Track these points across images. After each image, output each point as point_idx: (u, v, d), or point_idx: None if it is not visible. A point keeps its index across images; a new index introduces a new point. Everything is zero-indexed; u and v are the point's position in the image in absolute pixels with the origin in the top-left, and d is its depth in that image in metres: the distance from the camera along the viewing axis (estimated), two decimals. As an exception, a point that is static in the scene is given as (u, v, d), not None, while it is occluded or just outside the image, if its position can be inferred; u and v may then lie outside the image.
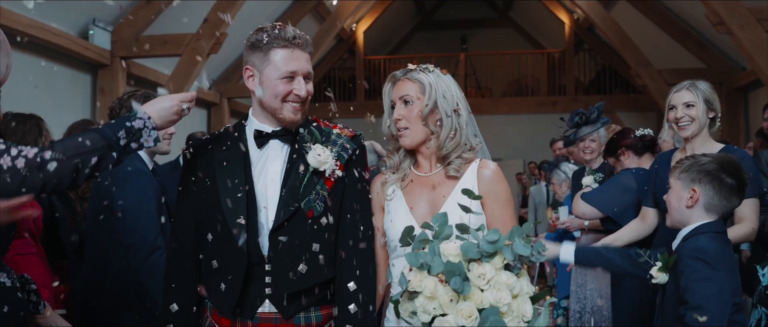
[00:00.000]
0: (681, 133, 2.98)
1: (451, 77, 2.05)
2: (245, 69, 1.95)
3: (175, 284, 1.96)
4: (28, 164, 1.61)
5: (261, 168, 1.93)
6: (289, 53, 1.90)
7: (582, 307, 4.21)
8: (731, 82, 9.32)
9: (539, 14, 15.13)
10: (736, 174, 2.24)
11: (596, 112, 4.46)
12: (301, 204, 1.88)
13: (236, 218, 1.86)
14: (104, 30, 7.30)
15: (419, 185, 2.03)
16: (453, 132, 1.97)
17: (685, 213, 2.25)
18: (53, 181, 1.64)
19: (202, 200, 1.93)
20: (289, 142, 1.95)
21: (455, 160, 1.99)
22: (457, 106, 1.98)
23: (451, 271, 1.66)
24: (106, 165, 1.72)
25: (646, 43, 10.26)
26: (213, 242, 1.92)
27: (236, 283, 1.87)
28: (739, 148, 2.98)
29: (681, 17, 9.65)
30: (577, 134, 4.43)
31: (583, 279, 4.24)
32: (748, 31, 6.20)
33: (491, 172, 2.00)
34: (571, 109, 5.35)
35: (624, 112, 12.33)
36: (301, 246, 1.89)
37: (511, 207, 2.02)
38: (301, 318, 1.90)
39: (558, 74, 14.61)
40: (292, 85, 1.91)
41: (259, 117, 1.97)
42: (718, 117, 2.98)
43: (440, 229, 1.76)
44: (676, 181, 2.29)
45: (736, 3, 6.22)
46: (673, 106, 3.00)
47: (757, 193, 2.76)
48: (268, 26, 1.94)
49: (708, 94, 2.95)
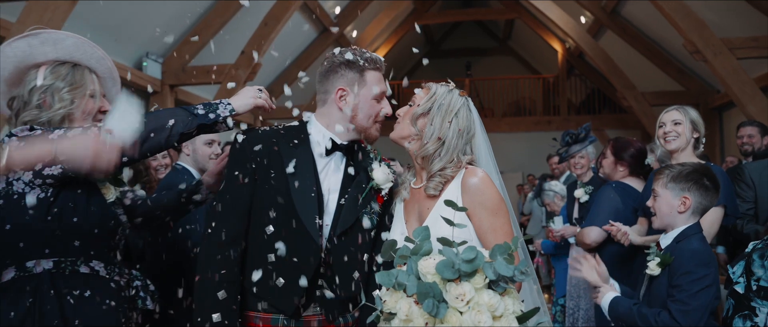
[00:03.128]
0: (667, 147, 2.98)
1: (468, 100, 1.85)
2: (338, 90, 1.79)
3: (225, 271, 1.68)
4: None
5: (325, 175, 1.79)
6: (380, 76, 1.83)
7: (576, 305, 4.22)
8: (707, 103, 9.27)
9: (535, 43, 15.15)
10: (712, 178, 2.25)
11: (584, 132, 4.48)
12: (360, 216, 1.77)
13: (313, 219, 1.71)
14: (156, 62, 7.46)
15: (414, 198, 1.83)
16: (436, 139, 1.74)
17: (677, 218, 2.23)
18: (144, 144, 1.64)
19: (265, 191, 1.73)
20: (346, 156, 1.83)
21: (437, 176, 1.74)
22: (452, 119, 1.76)
23: (423, 293, 1.39)
24: (182, 129, 1.71)
25: (631, 69, 10.25)
26: (275, 236, 1.70)
27: (301, 279, 1.68)
28: (716, 165, 3.00)
29: (662, 46, 9.63)
30: (569, 152, 4.45)
31: (577, 279, 4.25)
32: (721, 58, 6.19)
33: (478, 179, 1.70)
34: (564, 128, 5.38)
35: (611, 130, 12.27)
36: (355, 254, 1.78)
37: (502, 216, 1.69)
38: (340, 320, 1.78)
39: (552, 96, 14.59)
40: (381, 106, 1.83)
41: (332, 128, 1.81)
42: (702, 139, 2.98)
43: (420, 244, 1.50)
44: (665, 190, 2.26)
45: (711, 34, 6.22)
46: (662, 123, 3.01)
47: (722, 202, 2.76)
48: (353, 48, 1.83)
49: (694, 117, 2.97)
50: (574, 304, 4.20)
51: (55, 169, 1.59)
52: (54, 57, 1.79)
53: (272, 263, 1.70)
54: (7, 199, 1.63)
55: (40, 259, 1.62)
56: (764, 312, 1.95)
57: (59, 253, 1.63)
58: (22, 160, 1.49)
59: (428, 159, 1.76)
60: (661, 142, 3.04)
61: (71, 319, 1.59)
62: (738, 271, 2.07)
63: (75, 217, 1.64)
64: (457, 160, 1.74)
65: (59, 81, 1.76)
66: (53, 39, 1.78)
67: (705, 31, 6.23)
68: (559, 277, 4.77)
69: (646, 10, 8.10)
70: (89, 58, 1.85)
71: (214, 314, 1.63)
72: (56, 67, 1.79)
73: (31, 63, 1.79)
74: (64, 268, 1.63)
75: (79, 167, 1.52)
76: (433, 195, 1.74)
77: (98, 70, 1.87)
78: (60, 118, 1.74)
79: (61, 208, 1.63)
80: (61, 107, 1.74)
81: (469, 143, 1.79)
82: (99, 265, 1.68)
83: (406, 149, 1.83)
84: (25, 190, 1.63)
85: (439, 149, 1.74)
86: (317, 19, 10.15)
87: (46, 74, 1.76)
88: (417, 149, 1.78)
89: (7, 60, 1.79)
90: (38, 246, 1.63)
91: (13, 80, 1.82)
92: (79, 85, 1.79)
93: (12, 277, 1.63)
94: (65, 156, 1.46)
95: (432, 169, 1.75)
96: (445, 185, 1.74)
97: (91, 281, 1.66)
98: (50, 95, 1.75)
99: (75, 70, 1.80)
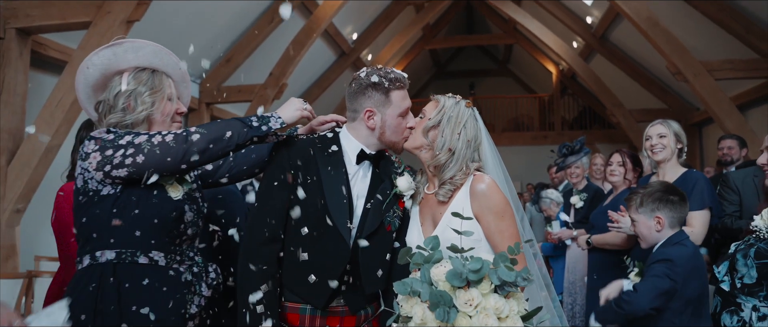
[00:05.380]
0: (654, 158, 2.97)
1: (474, 110, 1.83)
2: (366, 111, 1.78)
3: (266, 266, 1.68)
4: (176, 138, 1.64)
5: (354, 182, 1.79)
6: (404, 93, 1.81)
7: (573, 300, 4.22)
8: (688, 120, 9.22)
9: (531, 65, 15.15)
10: (675, 191, 2.26)
11: (579, 144, 4.50)
12: (384, 219, 1.77)
13: (345, 222, 1.71)
14: (193, 82, 7.56)
15: (427, 202, 1.82)
16: (447, 150, 1.73)
17: (657, 236, 2.24)
18: (193, 150, 1.63)
19: (301, 195, 1.72)
20: (373, 164, 1.83)
21: (447, 184, 1.74)
22: (461, 131, 1.75)
23: (435, 302, 1.42)
24: (239, 140, 1.69)
25: (619, 88, 10.24)
26: (309, 236, 1.71)
27: (333, 276, 1.71)
28: (698, 171, 2.99)
29: (647, 68, 9.61)
30: (565, 162, 4.47)
31: (573, 276, 4.24)
32: (701, 79, 6.18)
33: (485, 185, 1.69)
34: (559, 142, 5.38)
35: (601, 144, 12.23)
36: (380, 254, 1.78)
37: (508, 218, 1.68)
38: (361, 312, 1.79)
39: (548, 114, 14.55)
40: (406, 121, 1.82)
41: (361, 139, 1.81)
42: (684, 149, 2.98)
43: (432, 253, 1.51)
44: (638, 215, 2.27)
45: (691, 57, 6.22)
46: (649, 136, 2.99)
47: (706, 205, 2.76)
48: (378, 69, 1.81)
49: (677, 129, 2.97)
50: (572, 299, 4.20)
51: (121, 171, 1.61)
52: (135, 64, 1.79)
53: (305, 261, 1.70)
54: (85, 195, 1.65)
55: (105, 250, 1.63)
56: (749, 307, 1.95)
57: (122, 244, 1.63)
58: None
59: (440, 168, 1.75)
60: (648, 153, 3.02)
61: (127, 305, 1.59)
62: (723, 270, 2.07)
63: (136, 210, 1.64)
64: (465, 168, 1.74)
65: (141, 86, 1.76)
66: (135, 47, 1.78)
67: (686, 54, 6.23)
68: (557, 276, 4.77)
69: (633, 35, 8.12)
70: (166, 64, 1.85)
71: (259, 306, 1.63)
72: (138, 73, 1.78)
73: (114, 70, 1.79)
74: (124, 259, 1.63)
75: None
76: (443, 201, 1.74)
77: (173, 74, 1.87)
78: (142, 120, 1.75)
79: (125, 201, 1.64)
80: (143, 110, 1.74)
81: (476, 151, 1.78)
82: (158, 255, 1.67)
83: (417, 157, 1.83)
84: (98, 187, 1.64)
85: (449, 159, 1.74)
86: (336, 44, 10.25)
87: (129, 80, 1.76)
88: (429, 159, 1.77)
89: (95, 67, 1.78)
90: (105, 237, 1.63)
91: (99, 86, 1.82)
92: (158, 88, 1.79)
93: (87, 265, 1.65)
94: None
95: (443, 177, 1.74)
96: (455, 192, 1.74)
97: (149, 270, 1.65)
98: (133, 99, 1.75)
99: (154, 76, 1.80)
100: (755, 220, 1.96)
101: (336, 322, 1.74)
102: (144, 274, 1.64)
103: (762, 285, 1.92)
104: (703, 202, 2.74)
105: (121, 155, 1.60)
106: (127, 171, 1.61)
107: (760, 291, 1.93)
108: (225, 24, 7.40)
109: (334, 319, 1.74)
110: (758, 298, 1.94)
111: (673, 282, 2.05)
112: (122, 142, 1.62)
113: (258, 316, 1.63)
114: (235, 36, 7.82)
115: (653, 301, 2.05)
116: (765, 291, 1.92)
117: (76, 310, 1.58)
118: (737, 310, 1.98)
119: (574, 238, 4.21)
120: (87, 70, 1.78)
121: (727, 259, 2.07)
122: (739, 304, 1.98)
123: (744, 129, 5.75)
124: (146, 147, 1.61)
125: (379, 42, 11.42)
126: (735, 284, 2.01)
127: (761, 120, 7.11)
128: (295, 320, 1.72)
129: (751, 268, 1.95)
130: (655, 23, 6.36)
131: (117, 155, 1.60)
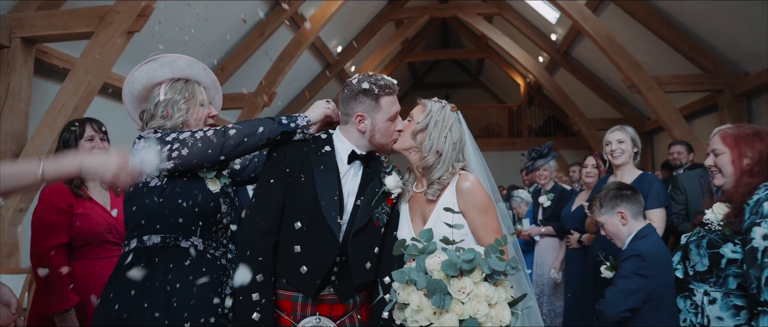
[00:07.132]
0: (614, 161, 3.04)
1: (458, 114, 1.81)
2: (357, 115, 1.77)
3: (262, 258, 1.67)
4: (215, 132, 1.70)
5: (345, 180, 1.78)
6: (393, 99, 1.80)
7: (541, 291, 4.28)
8: (641, 128, 9.41)
9: (501, 78, 15.28)
10: (626, 186, 2.29)
11: (547, 149, 4.57)
12: (373, 216, 1.76)
13: (335, 218, 1.70)
14: (189, 90, 7.45)
15: (416, 201, 1.81)
16: (434, 152, 1.72)
17: (624, 230, 2.23)
18: (230, 143, 1.67)
19: (295, 192, 1.72)
20: (363, 164, 1.83)
21: (435, 184, 1.73)
22: (447, 134, 1.74)
23: (432, 290, 1.44)
24: (270, 135, 1.72)
25: (581, 99, 10.41)
26: (301, 231, 1.70)
27: (323, 268, 1.70)
28: (652, 174, 3.08)
29: (605, 81, 9.80)
30: (534, 165, 4.54)
31: (541, 270, 4.30)
32: (653, 92, 6.35)
33: (470, 183, 1.69)
34: (526, 148, 5.46)
35: (564, 150, 12.39)
36: (369, 248, 1.77)
37: (491, 213, 1.68)
38: (349, 301, 1.78)
39: (516, 122, 14.66)
40: (395, 124, 1.81)
41: (353, 141, 1.81)
42: (639, 152, 3.06)
43: (426, 245, 1.52)
44: (603, 217, 2.25)
45: (644, 72, 6.39)
46: (609, 142, 3.06)
47: (662, 204, 2.83)
48: (369, 75, 1.79)
49: (633, 135, 3.05)
50: (539, 291, 4.27)
51: (168, 164, 1.66)
52: (170, 75, 1.86)
53: (298, 253, 1.70)
54: (135, 187, 1.71)
55: (152, 235, 1.69)
56: (700, 292, 2.00)
57: (166, 229, 1.69)
58: (53, 173, 1.39)
59: (428, 169, 1.75)
60: (609, 158, 3.09)
61: (172, 282, 1.65)
62: (676, 259, 2.12)
63: (180, 199, 1.69)
64: (452, 169, 1.74)
65: (177, 95, 1.83)
66: (169, 61, 1.85)
67: (640, 70, 6.39)
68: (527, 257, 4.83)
69: (592, 51, 8.29)
70: (198, 74, 1.90)
71: (254, 293, 1.64)
72: (173, 83, 1.85)
73: (154, 82, 1.86)
74: (169, 242, 1.69)
75: (99, 179, 1.46)
76: (432, 200, 1.74)
77: (204, 82, 1.93)
78: (180, 125, 1.81)
79: (170, 191, 1.70)
80: (179, 116, 1.81)
81: (461, 152, 1.77)
82: (197, 241, 1.72)
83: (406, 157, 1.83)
84: (147, 179, 1.70)
85: (437, 161, 1.73)
86: (322, 56, 10.22)
87: (166, 90, 1.83)
88: (418, 160, 1.77)
89: (137, 82, 1.86)
90: (152, 223, 1.69)
91: (142, 97, 1.89)
92: (192, 96, 1.85)
93: (135, 247, 1.70)
94: (88, 171, 1.40)
95: (431, 177, 1.74)
96: (442, 190, 1.73)
97: (189, 252, 1.70)
98: (171, 107, 1.82)
99: (187, 85, 1.86)
100: (707, 214, 2.02)
101: (326, 310, 1.74)
102: (186, 256, 1.70)
103: (712, 272, 1.98)
104: (660, 201, 2.82)
105: (169, 150, 1.66)
106: (173, 163, 1.66)
107: (711, 277, 1.99)
108: (219, 36, 7.33)
109: (324, 307, 1.74)
110: (709, 283, 1.99)
111: (643, 277, 2.01)
112: (168, 139, 1.69)
113: (253, 303, 1.64)
114: (228, 47, 7.76)
115: (623, 303, 2.00)
116: (715, 277, 1.97)
117: (126, 286, 1.64)
118: (690, 295, 2.03)
119: (542, 234, 4.29)
120: (131, 85, 1.86)
121: (680, 250, 2.13)
122: (692, 289, 2.02)
123: (690, 136, 5.91)
124: (190, 141, 1.67)
125: (361, 55, 11.41)
126: (688, 272, 2.06)
127: (705, 128, 7.32)
128: (288, 307, 1.73)
129: (703, 257, 1.99)
130: (612, 41, 6.51)
131: (164, 150, 1.66)
